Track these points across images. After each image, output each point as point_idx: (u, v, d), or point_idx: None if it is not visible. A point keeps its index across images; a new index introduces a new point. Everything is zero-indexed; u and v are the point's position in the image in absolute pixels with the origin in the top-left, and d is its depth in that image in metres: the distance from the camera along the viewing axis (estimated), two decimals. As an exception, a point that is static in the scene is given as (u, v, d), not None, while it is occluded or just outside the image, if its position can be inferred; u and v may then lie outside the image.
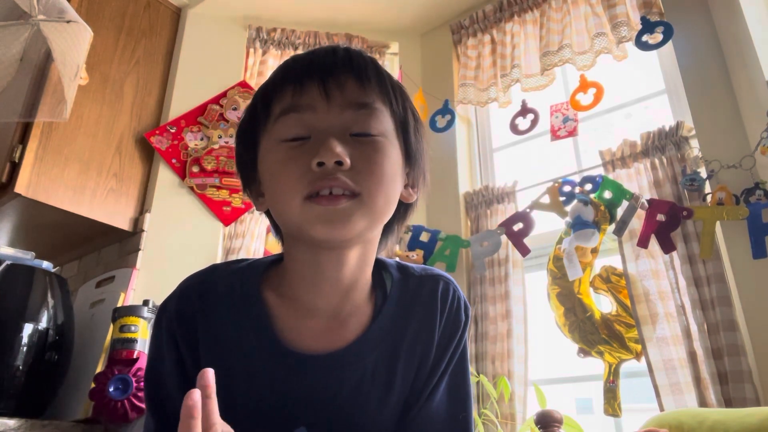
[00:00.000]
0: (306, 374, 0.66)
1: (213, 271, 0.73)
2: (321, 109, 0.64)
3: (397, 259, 0.79)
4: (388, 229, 0.73)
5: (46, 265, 1.65)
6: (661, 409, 1.43)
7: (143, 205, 2.00)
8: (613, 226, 1.67)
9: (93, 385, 1.48)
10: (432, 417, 0.69)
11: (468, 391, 0.73)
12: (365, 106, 0.65)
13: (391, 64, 2.47)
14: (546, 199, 1.81)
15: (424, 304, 0.71)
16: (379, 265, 0.74)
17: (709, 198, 1.55)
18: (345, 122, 0.64)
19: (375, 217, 0.64)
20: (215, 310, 0.68)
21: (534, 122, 1.97)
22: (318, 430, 0.65)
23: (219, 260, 1.96)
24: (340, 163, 0.61)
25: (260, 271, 0.71)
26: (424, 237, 1.99)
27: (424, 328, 0.70)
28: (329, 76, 0.65)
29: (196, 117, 2.14)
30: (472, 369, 1.73)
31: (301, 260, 0.68)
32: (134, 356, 1.50)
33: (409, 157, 0.70)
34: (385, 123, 0.66)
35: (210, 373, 0.50)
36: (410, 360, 0.69)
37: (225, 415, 0.52)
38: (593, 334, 1.63)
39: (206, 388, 0.49)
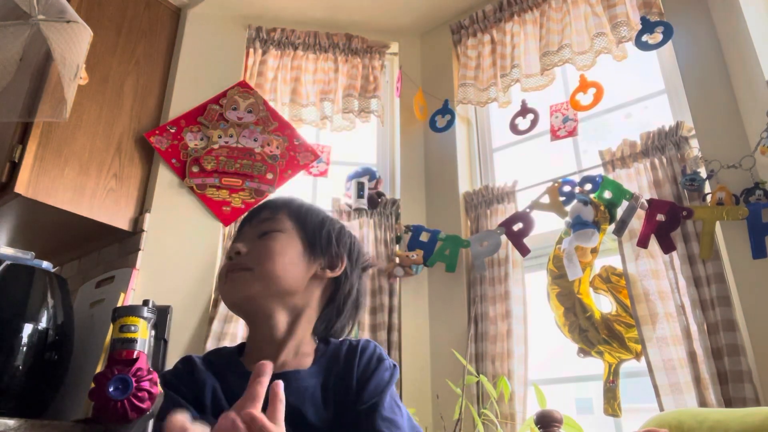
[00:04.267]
0: None
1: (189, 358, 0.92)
2: (246, 231, 0.94)
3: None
4: (331, 303, 0.94)
5: (46, 265, 1.65)
6: (661, 409, 1.43)
7: (143, 205, 2.00)
8: (613, 226, 1.67)
9: (93, 385, 1.48)
10: None
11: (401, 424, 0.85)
12: (268, 219, 0.93)
13: (391, 64, 2.47)
14: (546, 199, 1.81)
15: (345, 355, 0.90)
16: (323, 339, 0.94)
17: (709, 198, 1.55)
18: (255, 231, 0.92)
19: (269, 283, 0.86)
20: (203, 371, 0.87)
21: (534, 122, 1.98)
22: None
23: (219, 260, 1.96)
24: (239, 253, 0.89)
25: (236, 346, 0.95)
26: (424, 237, 1.99)
27: (346, 369, 0.88)
28: (253, 215, 0.96)
29: (195, 117, 2.14)
30: (472, 369, 1.74)
31: (249, 324, 0.91)
32: (134, 356, 1.50)
33: (313, 246, 0.92)
34: (282, 223, 0.93)
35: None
36: (337, 389, 0.86)
37: None
38: (593, 334, 1.63)
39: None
